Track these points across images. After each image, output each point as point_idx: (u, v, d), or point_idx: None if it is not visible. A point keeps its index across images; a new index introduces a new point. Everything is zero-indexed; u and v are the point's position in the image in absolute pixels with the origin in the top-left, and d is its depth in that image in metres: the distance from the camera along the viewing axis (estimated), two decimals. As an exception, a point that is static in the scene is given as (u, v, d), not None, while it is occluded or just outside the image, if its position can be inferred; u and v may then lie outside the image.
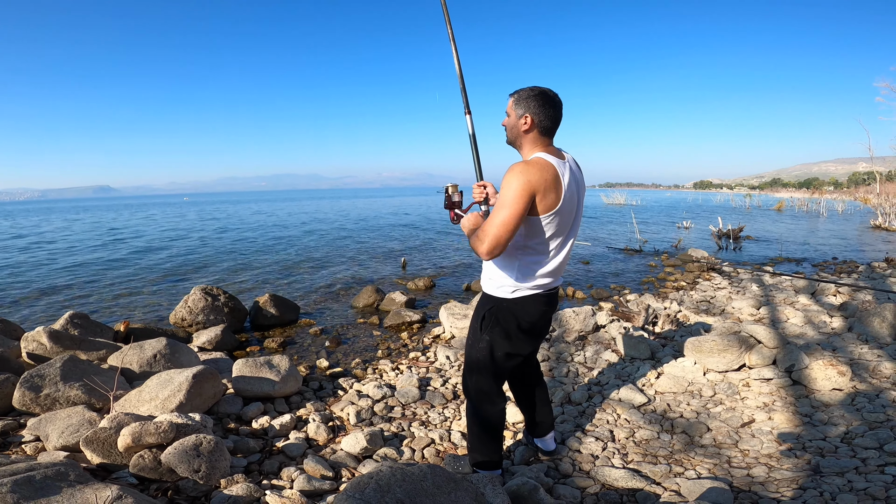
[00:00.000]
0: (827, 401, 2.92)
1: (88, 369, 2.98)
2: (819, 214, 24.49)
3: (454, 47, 2.31)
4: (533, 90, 1.82)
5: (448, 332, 4.87)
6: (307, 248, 12.45)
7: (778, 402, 2.94)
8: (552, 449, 2.50)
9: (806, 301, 5.43)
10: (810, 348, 3.60)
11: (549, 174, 1.71)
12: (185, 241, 15.00)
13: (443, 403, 3.24)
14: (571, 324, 4.54)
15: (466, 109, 2.25)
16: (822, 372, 3.09)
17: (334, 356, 4.47)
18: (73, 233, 18.90)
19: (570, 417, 2.94)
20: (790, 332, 4.29)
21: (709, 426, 2.73)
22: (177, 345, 3.55)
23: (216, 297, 5.34)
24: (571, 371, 3.69)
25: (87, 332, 4.04)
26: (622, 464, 2.40)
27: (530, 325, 1.97)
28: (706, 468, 2.32)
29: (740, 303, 5.45)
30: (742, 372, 3.35)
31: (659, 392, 3.23)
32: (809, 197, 38.66)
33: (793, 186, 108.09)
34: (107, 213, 36.28)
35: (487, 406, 2.07)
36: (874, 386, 3.05)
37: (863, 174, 66.73)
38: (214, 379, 2.91)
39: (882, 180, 23.31)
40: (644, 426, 2.77)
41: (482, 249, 1.71)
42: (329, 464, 2.39)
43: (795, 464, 2.31)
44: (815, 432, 2.58)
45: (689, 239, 13.52)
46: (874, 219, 17.76)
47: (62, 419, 2.41)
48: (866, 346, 3.76)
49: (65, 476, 1.73)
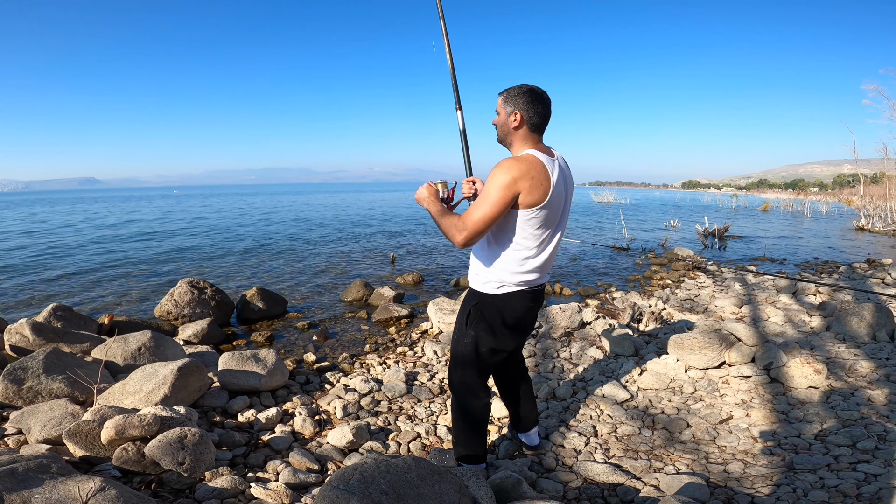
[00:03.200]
0: (803, 398, 2.99)
1: (72, 362, 2.96)
2: (803, 215, 24.91)
3: (447, 44, 2.31)
4: (522, 88, 1.84)
5: (436, 327, 4.89)
6: (296, 242, 12.38)
7: (756, 399, 3.01)
8: (536, 443, 2.54)
9: (787, 300, 5.55)
10: (789, 346, 3.69)
11: (536, 170, 1.74)
12: (173, 233, 14.84)
13: (429, 398, 3.27)
14: (558, 320, 4.59)
15: (458, 105, 2.26)
16: (799, 370, 3.17)
17: (322, 350, 4.47)
18: (58, 224, 18.57)
19: (555, 413, 2.98)
20: (770, 331, 4.38)
21: (688, 422, 2.79)
22: (162, 338, 3.53)
23: (203, 291, 5.30)
24: (557, 367, 3.73)
25: (70, 325, 3.99)
26: (604, 459, 2.45)
27: (515, 321, 2.00)
28: (685, 463, 2.38)
29: (723, 301, 5.55)
30: (722, 369, 3.43)
31: (642, 388, 3.29)
32: (795, 198, 39.28)
33: (779, 187, 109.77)
34: (93, 206, 35.67)
35: (472, 400, 2.10)
36: (850, 384, 3.13)
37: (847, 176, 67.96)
38: (200, 372, 2.90)
39: (866, 182, 23.74)
40: (626, 422, 2.82)
41: (459, 239, 1.74)
42: (315, 457, 2.41)
43: (770, 460, 2.37)
44: (790, 429, 2.65)
45: (675, 238, 13.68)
46: (857, 220, 18.08)
47: (45, 412, 2.39)
48: (844, 345, 3.86)
49: (47, 468, 1.73)
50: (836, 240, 14.16)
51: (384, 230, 15.44)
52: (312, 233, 14.69)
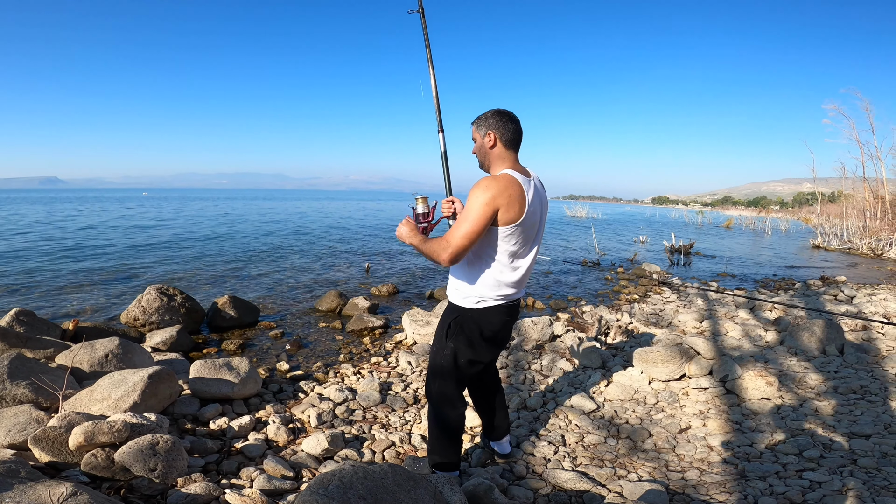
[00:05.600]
0: (756, 409, 3.18)
1: (36, 368, 2.88)
2: (764, 233, 26.00)
3: (432, 72, 2.40)
4: (490, 111, 1.99)
5: (410, 338, 4.94)
6: (269, 250, 12.22)
7: (712, 409, 3.18)
8: (507, 452, 2.62)
9: (745, 315, 5.83)
10: (744, 360, 3.90)
11: (513, 189, 1.84)
12: (141, 237, 14.40)
13: (403, 407, 3.31)
14: (530, 333, 4.70)
15: (440, 128, 2.35)
16: (752, 382, 3.36)
17: (295, 359, 4.45)
18: (20, 226, 17.78)
19: (526, 422, 3.07)
20: (728, 345, 4.60)
21: (651, 432, 2.93)
22: (130, 345, 3.47)
23: (172, 297, 5.21)
24: (528, 378, 3.84)
25: (33, 330, 3.87)
26: (572, 467, 2.55)
27: (493, 334, 2.09)
28: (647, 471, 2.50)
29: (685, 316, 5.80)
30: (683, 381, 3.60)
31: (608, 399, 3.42)
32: (756, 215, 40.96)
33: (742, 205, 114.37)
34: (56, 206, 34.22)
35: (448, 410, 2.17)
36: (799, 396, 3.34)
37: (806, 195, 71.24)
38: (171, 379, 2.88)
39: (824, 201, 24.93)
40: (593, 431, 2.93)
41: (444, 257, 1.81)
42: (290, 464, 2.42)
43: (724, 468, 2.52)
44: (743, 438, 2.81)
45: (644, 253, 14.12)
46: (814, 238, 18.91)
47: (8, 417, 2.34)
48: (795, 359, 4.09)
49: (16, 473, 1.71)
50: (793, 257, 14.87)
51: (359, 239, 15.39)
52: (286, 240, 14.50)
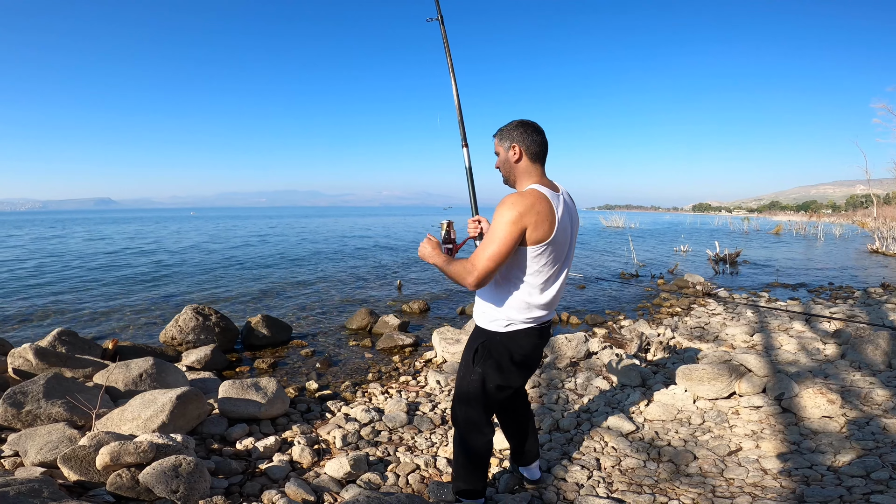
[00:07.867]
0: (816, 428, 2.89)
1: (72, 387, 2.97)
2: (817, 238, 24.57)
3: (454, 81, 2.34)
4: (513, 122, 1.87)
5: (440, 356, 4.84)
6: (303, 268, 12.46)
7: (766, 430, 2.91)
8: (537, 477, 2.47)
9: (800, 327, 5.42)
10: (801, 376, 3.59)
11: (542, 206, 1.71)
12: (187, 257, 14.99)
13: (430, 429, 3.21)
14: (563, 350, 4.52)
15: (464, 143, 2.28)
16: (811, 400, 3.07)
17: (324, 378, 4.44)
18: (72, 247, 18.92)
19: (558, 445, 2.91)
20: (783, 360, 4.27)
21: (695, 454, 2.70)
22: (164, 364, 3.54)
23: (207, 317, 5.33)
24: (561, 398, 3.66)
25: (74, 350, 4.02)
26: (607, 493, 2.37)
27: (523, 359, 1.95)
28: (690, 497, 2.29)
29: (734, 329, 5.44)
30: (732, 400, 3.33)
31: (648, 420, 3.20)
32: (807, 220, 38.78)
33: (791, 209, 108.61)
34: (111, 227, 36.35)
35: (475, 436, 2.05)
36: (865, 413, 3.03)
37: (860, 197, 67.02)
38: (199, 400, 2.89)
39: (879, 203, 23.37)
40: (631, 454, 2.74)
41: (470, 280, 1.70)
42: (311, 487, 2.36)
43: (780, 493, 2.28)
44: (801, 460, 2.55)
45: (685, 263, 13.54)
46: (871, 243, 17.73)
47: (42, 435, 2.39)
48: (859, 374, 3.74)
49: (38, 493, 1.72)
50: (850, 263, 13.91)
51: (391, 255, 15.49)
52: (319, 258, 14.76)
